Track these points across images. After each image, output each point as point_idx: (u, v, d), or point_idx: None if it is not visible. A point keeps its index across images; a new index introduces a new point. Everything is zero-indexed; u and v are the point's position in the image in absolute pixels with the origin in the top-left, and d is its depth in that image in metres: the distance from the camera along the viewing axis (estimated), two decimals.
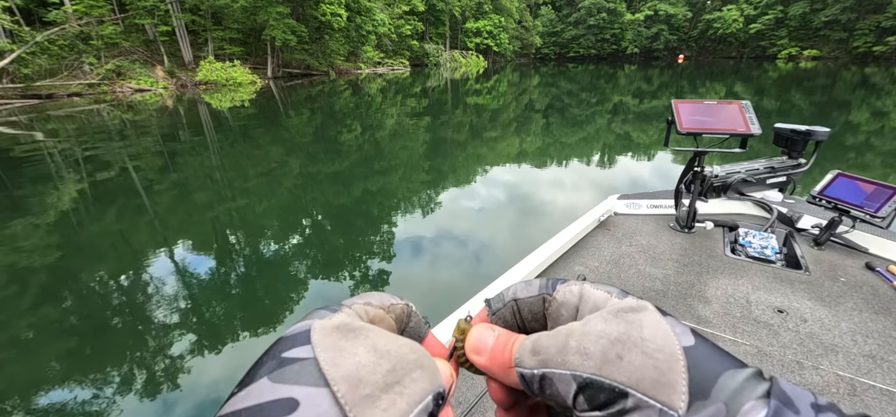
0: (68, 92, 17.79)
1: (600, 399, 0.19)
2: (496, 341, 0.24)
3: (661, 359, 0.19)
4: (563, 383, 0.20)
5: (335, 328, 0.20)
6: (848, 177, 2.40)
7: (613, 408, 0.18)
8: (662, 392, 0.18)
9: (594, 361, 0.20)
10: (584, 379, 0.19)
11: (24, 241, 4.53)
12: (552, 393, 0.21)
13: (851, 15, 41.83)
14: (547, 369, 0.21)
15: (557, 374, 0.20)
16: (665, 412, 0.17)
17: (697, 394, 0.18)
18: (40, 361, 2.81)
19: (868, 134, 9.39)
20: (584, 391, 0.19)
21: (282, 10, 23.69)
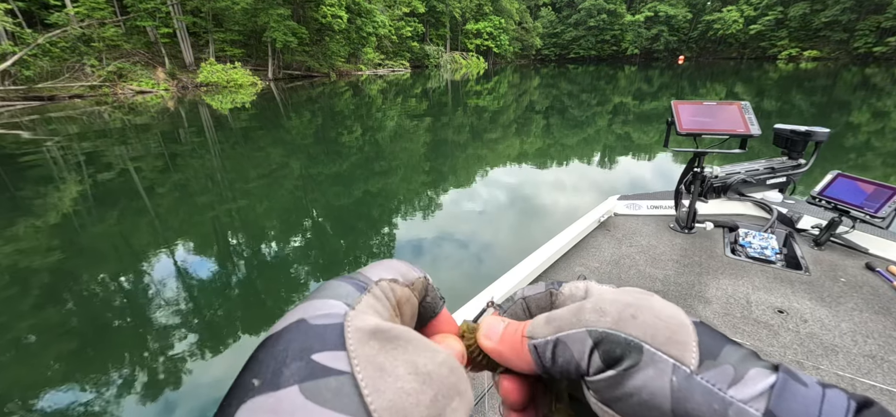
0: (70, 94, 17.84)
1: (616, 353, 0.19)
2: (507, 326, 0.25)
3: (672, 324, 0.20)
4: (577, 342, 0.20)
5: (372, 333, 0.18)
6: (848, 177, 2.40)
7: (628, 362, 0.19)
8: (675, 348, 0.19)
9: (610, 318, 0.20)
10: (600, 333, 0.20)
11: (26, 242, 4.54)
12: (564, 360, 0.21)
13: (852, 15, 41.82)
14: (561, 333, 0.21)
15: (572, 334, 0.21)
16: (678, 366, 0.18)
17: (707, 354, 0.19)
18: (42, 362, 2.82)
19: (869, 135, 9.38)
20: (599, 346, 0.20)
21: (282, 12, 23.75)
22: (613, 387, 0.19)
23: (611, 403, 0.19)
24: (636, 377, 0.19)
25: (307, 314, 0.19)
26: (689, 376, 0.18)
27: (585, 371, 0.20)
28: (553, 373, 0.22)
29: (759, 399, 0.17)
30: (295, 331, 0.18)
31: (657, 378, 0.18)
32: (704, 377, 0.18)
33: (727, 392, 0.17)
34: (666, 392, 0.18)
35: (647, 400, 0.18)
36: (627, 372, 0.19)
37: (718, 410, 0.17)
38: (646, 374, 0.18)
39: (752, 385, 0.18)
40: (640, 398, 0.18)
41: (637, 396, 0.18)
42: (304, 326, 0.18)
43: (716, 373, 0.18)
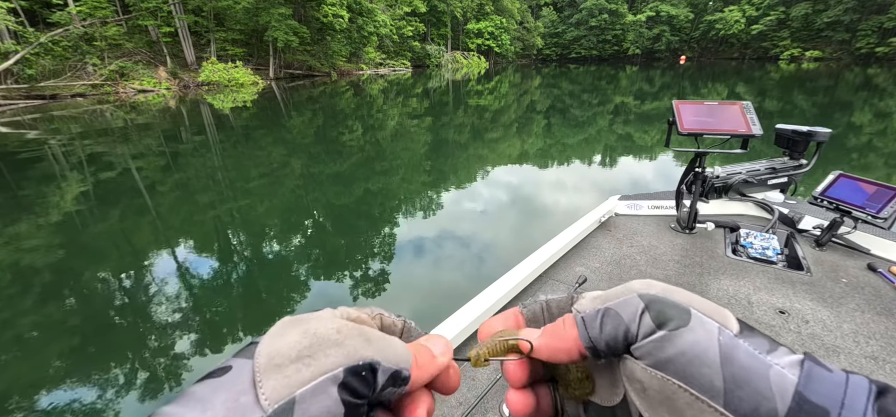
0: (72, 93, 17.87)
1: (666, 314, 0.21)
2: (545, 327, 0.26)
3: (712, 304, 0.22)
4: (628, 307, 0.22)
5: (291, 319, 0.21)
6: (849, 178, 2.39)
7: (677, 322, 0.20)
8: (718, 315, 0.21)
9: (658, 289, 0.23)
10: (652, 297, 0.22)
11: (28, 240, 4.55)
12: (613, 327, 0.22)
13: (854, 16, 41.69)
14: (610, 302, 0.23)
15: (623, 300, 0.22)
16: (723, 328, 0.20)
17: (745, 328, 0.21)
18: (43, 360, 2.82)
19: (871, 135, 9.35)
20: (649, 308, 0.21)
21: (284, 12, 23.76)
22: (664, 348, 0.20)
23: (662, 364, 0.20)
24: (686, 336, 0.20)
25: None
26: (733, 337, 0.20)
27: (635, 336, 0.21)
28: (598, 345, 0.22)
29: (792, 368, 0.19)
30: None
31: (706, 338, 0.20)
32: (747, 341, 0.20)
33: (766, 357, 0.19)
34: (715, 349, 0.19)
35: (698, 356, 0.19)
36: (678, 332, 0.20)
37: (760, 370, 0.18)
38: (695, 334, 0.20)
39: (785, 356, 0.19)
40: (691, 355, 0.19)
41: (688, 353, 0.20)
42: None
43: (755, 341, 0.20)
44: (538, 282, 2.34)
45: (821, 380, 0.18)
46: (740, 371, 0.19)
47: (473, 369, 1.72)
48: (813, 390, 0.18)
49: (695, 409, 0.19)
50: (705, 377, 0.19)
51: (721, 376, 0.19)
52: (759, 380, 0.18)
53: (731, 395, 0.18)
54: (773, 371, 0.18)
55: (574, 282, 2.33)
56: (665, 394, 0.20)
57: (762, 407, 0.18)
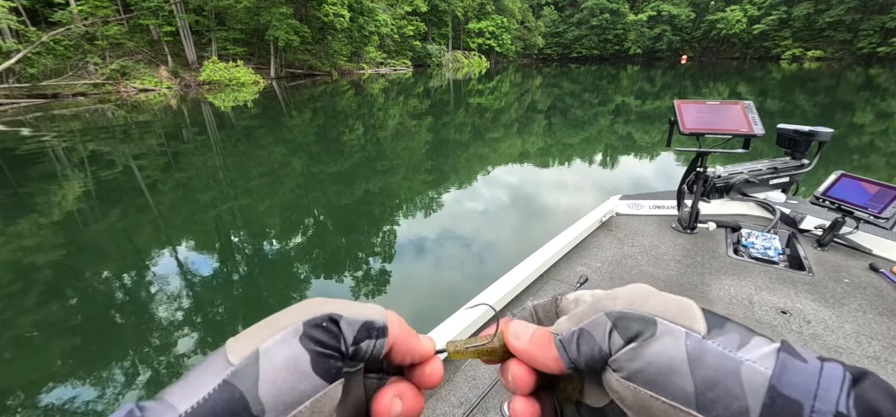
0: (73, 92, 17.90)
1: (633, 329, 0.21)
2: (534, 330, 0.27)
3: (679, 303, 0.22)
4: (598, 327, 0.23)
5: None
6: (851, 178, 2.38)
7: (645, 334, 0.21)
8: (685, 319, 0.21)
9: (624, 302, 0.23)
10: (617, 313, 0.22)
11: (29, 239, 4.56)
12: (588, 347, 0.23)
13: (856, 16, 41.57)
14: (583, 323, 0.23)
15: (592, 320, 0.23)
16: (690, 333, 0.20)
17: (714, 325, 0.21)
18: (45, 358, 2.83)
19: (873, 135, 9.33)
20: (617, 325, 0.22)
21: (285, 11, 23.77)
22: (634, 359, 0.21)
23: (633, 376, 0.21)
24: (654, 345, 0.21)
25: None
26: (700, 340, 0.20)
27: (608, 352, 0.22)
28: (578, 364, 0.23)
29: (765, 360, 0.19)
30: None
31: (673, 345, 0.20)
32: (715, 341, 0.20)
33: (736, 353, 0.19)
34: (682, 355, 0.20)
35: (666, 364, 0.20)
36: (646, 343, 0.21)
37: (730, 369, 0.19)
38: (663, 342, 0.20)
39: (758, 348, 0.19)
40: (660, 364, 0.20)
41: (656, 363, 0.20)
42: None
43: (724, 339, 0.20)
44: (540, 281, 2.34)
45: (795, 371, 0.18)
46: (710, 372, 0.19)
47: (475, 369, 1.72)
48: (786, 382, 0.18)
49: (671, 415, 0.19)
50: (676, 384, 0.19)
51: (691, 381, 0.19)
52: (729, 379, 0.19)
53: (703, 397, 0.19)
54: (745, 368, 0.19)
55: (575, 282, 2.33)
56: (640, 403, 0.21)
57: (733, 406, 0.18)
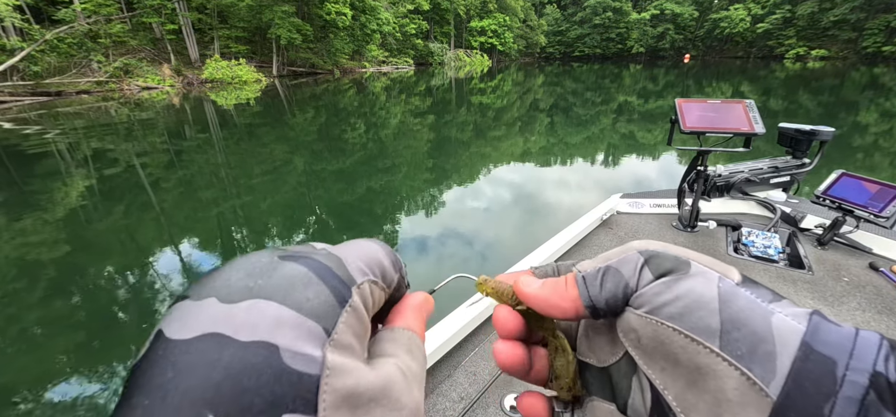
0: (77, 90, 17.98)
1: (665, 266, 0.21)
2: (546, 280, 0.25)
3: (711, 259, 0.22)
4: (628, 264, 0.22)
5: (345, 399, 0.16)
6: (852, 177, 2.39)
7: (677, 273, 0.20)
8: (719, 267, 0.21)
9: (656, 247, 0.22)
10: (651, 252, 0.22)
11: (34, 235, 4.60)
12: (613, 283, 0.22)
13: (861, 14, 41.31)
14: (611, 261, 0.23)
15: (623, 258, 0.22)
16: (723, 277, 0.20)
17: (748, 282, 0.20)
18: (49, 353, 2.86)
19: (877, 135, 9.29)
20: (649, 262, 0.21)
21: (287, 9, 23.78)
22: (661, 294, 0.20)
23: (656, 310, 0.20)
24: (684, 283, 0.20)
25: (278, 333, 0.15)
26: (734, 285, 0.20)
27: (634, 288, 0.21)
28: (598, 303, 0.22)
29: (799, 318, 0.18)
30: (263, 356, 0.14)
31: (704, 284, 0.20)
32: (748, 290, 0.19)
33: (769, 305, 0.19)
34: (714, 293, 0.19)
35: (695, 300, 0.19)
36: (677, 280, 0.20)
37: (761, 314, 0.18)
38: (694, 281, 0.20)
39: (791, 308, 0.19)
40: (688, 299, 0.19)
41: (684, 298, 0.19)
42: (274, 356, 0.14)
43: (757, 292, 0.19)
44: None
45: (828, 332, 0.17)
46: (739, 312, 0.18)
47: (475, 364, 1.73)
48: (821, 340, 0.17)
49: (689, 352, 0.19)
50: (701, 318, 0.19)
51: (718, 317, 0.18)
52: (758, 322, 0.18)
53: (728, 336, 0.18)
54: (777, 318, 0.18)
55: None
56: (659, 340, 0.20)
57: (759, 349, 0.17)
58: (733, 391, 0.17)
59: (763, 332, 0.18)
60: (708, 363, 0.18)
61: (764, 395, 0.17)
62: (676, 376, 0.19)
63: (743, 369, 0.17)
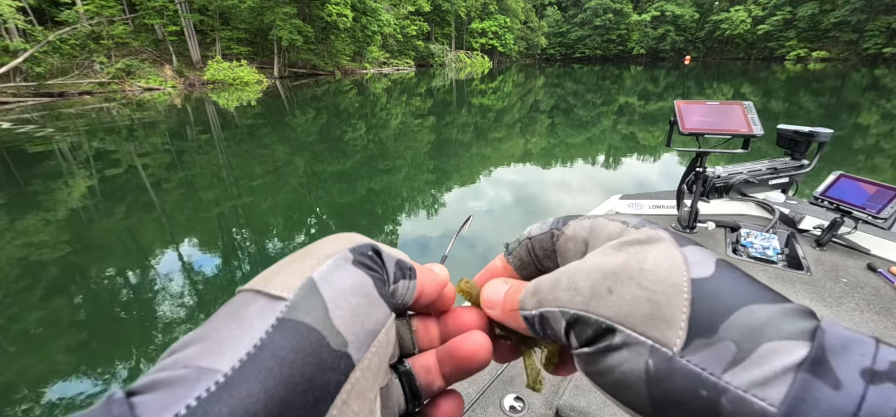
0: (79, 91, 18.04)
1: (587, 335, 0.18)
2: (507, 293, 0.24)
3: (658, 291, 0.17)
4: (555, 320, 0.20)
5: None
6: (850, 178, 2.40)
7: (601, 344, 0.18)
8: (655, 327, 0.16)
9: (582, 296, 0.19)
10: (571, 315, 0.19)
11: (36, 236, 4.62)
12: (551, 332, 0.21)
13: (861, 16, 41.29)
14: (542, 308, 0.20)
15: (549, 312, 0.20)
16: (656, 348, 0.16)
17: (701, 330, 0.16)
18: (50, 353, 2.88)
19: (878, 137, 9.28)
20: (572, 327, 0.19)
21: (288, 11, 23.85)
22: (591, 363, 0.18)
23: (592, 376, 0.19)
24: (610, 357, 0.17)
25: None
26: (669, 359, 0.16)
27: (567, 345, 0.20)
28: (548, 338, 0.22)
29: (769, 386, 0.14)
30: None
31: (631, 361, 0.17)
32: (691, 358, 0.15)
33: (722, 377, 0.14)
34: (640, 375, 0.16)
35: (621, 380, 0.17)
36: (602, 353, 0.18)
37: (707, 397, 0.14)
38: (620, 356, 0.17)
39: (762, 366, 0.14)
40: (614, 377, 0.17)
41: (612, 374, 0.17)
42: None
43: (708, 354, 0.15)
44: None
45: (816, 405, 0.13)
46: (673, 395, 0.15)
47: None
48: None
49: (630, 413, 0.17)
50: (631, 397, 0.17)
51: (647, 398, 0.16)
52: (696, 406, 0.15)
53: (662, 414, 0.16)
54: (728, 398, 0.14)
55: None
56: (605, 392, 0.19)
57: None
58: None
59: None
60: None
61: None
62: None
63: None
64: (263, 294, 0.16)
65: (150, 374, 0.13)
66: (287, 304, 0.15)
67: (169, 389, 0.13)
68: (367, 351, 0.16)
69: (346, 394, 0.15)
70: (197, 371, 0.13)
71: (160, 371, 0.13)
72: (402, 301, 0.21)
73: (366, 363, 0.16)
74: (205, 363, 0.13)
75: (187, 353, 0.14)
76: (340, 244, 0.19)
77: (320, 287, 0.16)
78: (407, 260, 0.22)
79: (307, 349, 0.14)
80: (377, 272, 0.19)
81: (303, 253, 0.18)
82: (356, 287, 0.17)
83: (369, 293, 0.17)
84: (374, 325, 0.17)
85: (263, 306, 0.15)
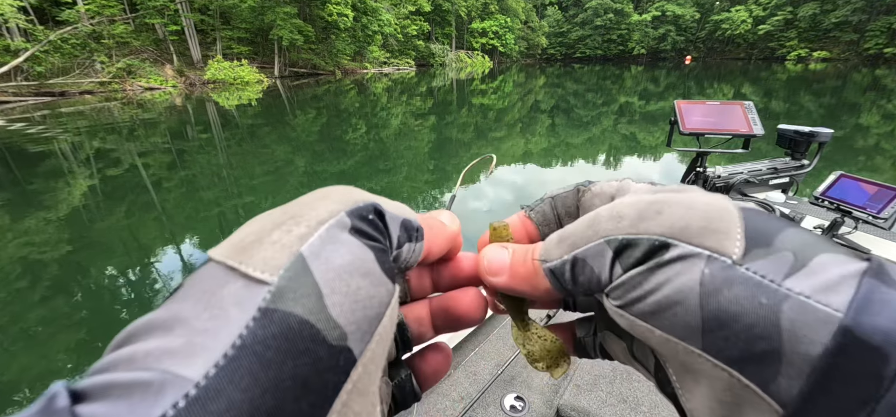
0: (80, 90, 18.07)
1: (635, 257, 0.17)
2: (513, 255, 0.22)
3: (709, 210, 0.16)
4: (596, 257, 0.18)
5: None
6: (850, 178, 2.39)
7: (651, 262, 0.16)
8: (712, 237, 0.15)
9: (629, 220, 0.17)
10: (620, 241, 0.17)
11: (37, 235, 4.63)
12: (585, 279, 0.18)
13: (862, 16, 41.24)
14: (577, 250, 0.18)
15: (589, 248, 0.18)
16: (714, 257, 0.15)
17: (757, 242, 0.15)
18: (51, 352, 2.88)
19: (878, 137, 9.28)
20: (619, 255, 0.17)
21: (289, 10, 23.87)
22: (633, 289, 0.17)
23: (628, 306, 0.17)
24: (660, 274, 0.16)
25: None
26: (728, 267, 0.15)
27: (608, 280, 0.18)
28: (574, 294, 0.20)
29: (832, 292, 0.13)
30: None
31: (684, 274, 0.15)
32: (750, 266, 0.15)
33: (783, 284, 0.14)
34: (694, 286, 0.15)
35: (670, 297, 0.15)
36: (650, 270, 0.16)
37: (767, 304, 0.14)
38: (672, 270, 0.16)
39: (822, 274, 0.14)
40: (663, 294, 0.16)
41: (658, 292, 0.16)
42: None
43: (767, 263, 0.14)
44: None
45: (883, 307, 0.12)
46: (729, 305, 0.14)
47: (475, 364, 1.74)
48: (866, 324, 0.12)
49: (669, 348, 0.16)
50: (676, 316, 0.15)
51: (699, 315, 0.15)
52: (758, 314, 0.14)
53: (712, 336, 0.14)
54: (790, 304, 0.13)
55: None
56: (638, 332, 0.17)
57: (756, 348, 0.14)
58: (725, 392, 0.15)
59: (764, 326, 0.14)
60: (691, 361, 0.15)
61: (760, 398, 0.14)
62: (669, 361, 0.17)
63: (731, 371, 0.14)
64: (240, 275, 0.13)
65: (103, 371, 0.11)
66: (271, 289, 0.13)
67: (126, 400, 0.10)
68: (369, 341, 0.14)
69: (347, 395, 0.13)
70: (161, 377, 0.11)
71: (114, 369, 0.11)
72: (405, 265, 0.19)
73: (369, 356, 0.14)
74: (172, 366, 0.11)
75: (148, 346, 0.12)
76: (335, 206, 0.16)
77: (312, 266, 0.14)
78: (414, 219, 0.20)
79: (299, 347, 0.12)
80: (379, 242, 0.16)
81: (288, 216, 0.15)
82: (356, 265, 0.14)
83: (371, 271, 0.15)
84: (378, 309, 0.15)
85: (242, 290, 0.13)
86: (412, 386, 0.22)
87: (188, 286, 0.14)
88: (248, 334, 0.12)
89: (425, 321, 0.23)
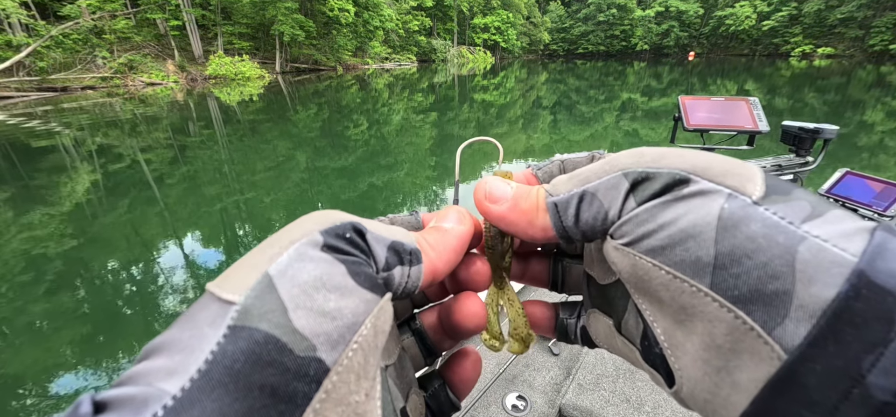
0: (82, 85, 18.07)
1: (653, 190, 0.16)
2: (517, 189, 0.21)
3: (732, 163, 0.16)
4: (609, 189, 0.18)
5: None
6: (856, 175, 2.37)
7: (668, 196, 0.16)
8: (733, 178, 0.16)
9: (651, 157, 0.17)
10: (638, 173, 0.17)
11: (40, 230, 4.64)
12: (591, 214, 0.18)
13: (868, 12, 40.87)
14: (589, 184, 0.18)
15: (603, 181, 0.18)
16: (734, 195, 0.15)
17: (776, 190, 0.15)
18: (55, 346, 2.89)
19: (883, 134, 9.21)
20: (636, 187, 0.17)
21: (290, 6, 23.78)
22: (644, 222, 0.16)
23: (636, 241, 0.16)
24: (677, 206, 0.16)
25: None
26: (748, 205, 0.15)
27: (617, 216, 0.17)
28: (573, 235, 0.19)
29: (847, 239, 0.13)
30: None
31: (703, 208, 0.15)
32: (769, 207, 0.15)
33: (801, 226, 0.14)
34: (712, 217, 0.15)
35: (685, 229, 0.15)
36: (666, 203, 0.16)
37: (783, 244, 0.14)
38: (691, 203, 0.15)
39: (838, 224, 0.14)
40: (675, 227, 0.15)
41: (672, 226, 0.15)
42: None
43: (787, 206, 0.14)
44: None
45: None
46: (746, 241, 0.14)
47: None
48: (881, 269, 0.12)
49: (672, 290, 0.15)
50: (688, 251, 0.15)
51: (712, 249, 0.14)
52: (774, 252, 0.13)
53: (723, 272, 0.14)
54: (807, 245, 0.13)
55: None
56: (638, 276, 0.17)
57: (767, 288, 0.13)
58: (724, 336, 0.14)
59: (778, 265, 0.13)
60: (694, 303, 0.15)
61: (762, 342, 0.13)
62: (663, 311, 0.17)
63: (737, 311, 0.14)
64: (216, 298, 0.14)
65: (119, 385, 0.13)
66: (237, 309, 0.13)
67: (123, 412, 0.12)
68: (344, 350, 0.14)
69: (320, 404, 0.13)
70: (148, 391, 0.12)
71: (129, 383, 0.13)
72: (404, 291, 0.19)
73: (345, 364, 0.14)
74: (157, 381, 0.12)
75: (148, 365, 0.13)
76: (311, 226, 0.16)
77: (277, 284, 0.14)
78: (406, 243, 0.19)
79: (265, 358, 0.13)
80: (353, 256, 0.16)
81: (269, 241, 0.16)
82: (321, 279, 0.15)
83: (340, 285, 0.15)
84: (351, 319, 0.15)
85: (215, 312, 0.14)
86: (447, 395, 0.23)
87: (184, 313, 0.15)
88: (218, 350, 0.13)
89: (438, 328, 0.23)
